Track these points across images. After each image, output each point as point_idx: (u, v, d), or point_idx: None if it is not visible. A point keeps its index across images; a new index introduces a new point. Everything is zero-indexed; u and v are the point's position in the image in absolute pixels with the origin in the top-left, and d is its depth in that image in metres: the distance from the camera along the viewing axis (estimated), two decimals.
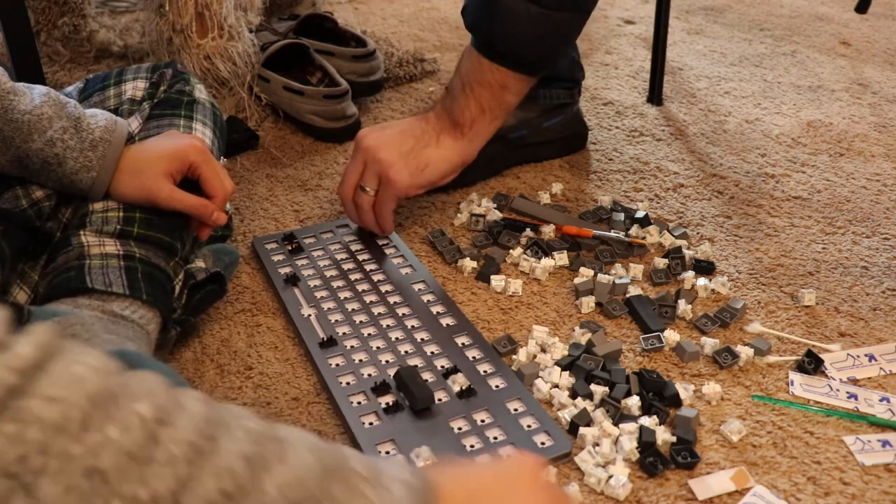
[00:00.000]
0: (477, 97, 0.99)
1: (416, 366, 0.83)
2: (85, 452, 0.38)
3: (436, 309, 0.91)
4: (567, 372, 0.83)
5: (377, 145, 0.98)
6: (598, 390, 0.80)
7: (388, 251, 1.02)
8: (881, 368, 0.86)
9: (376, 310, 0.91)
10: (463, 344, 0.86)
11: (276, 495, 0.41)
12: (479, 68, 0.99)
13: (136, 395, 0.41)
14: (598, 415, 0.78)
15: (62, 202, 0.85)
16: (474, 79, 0.99)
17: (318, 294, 0.94)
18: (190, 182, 0.84)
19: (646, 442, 0.74)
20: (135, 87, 0.93)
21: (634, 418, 0.78)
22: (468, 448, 0.74)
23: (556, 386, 0.82)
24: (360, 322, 0.89)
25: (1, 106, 0.77)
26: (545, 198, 1.14)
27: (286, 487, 0.42)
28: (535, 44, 0.97)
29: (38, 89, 0.80)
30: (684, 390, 0.81)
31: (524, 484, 0.54)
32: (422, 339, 0.87)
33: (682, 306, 0.92)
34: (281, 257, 1.00)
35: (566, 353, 0.85)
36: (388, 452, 0.73)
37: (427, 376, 0.81)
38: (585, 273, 0.98)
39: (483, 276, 0.98)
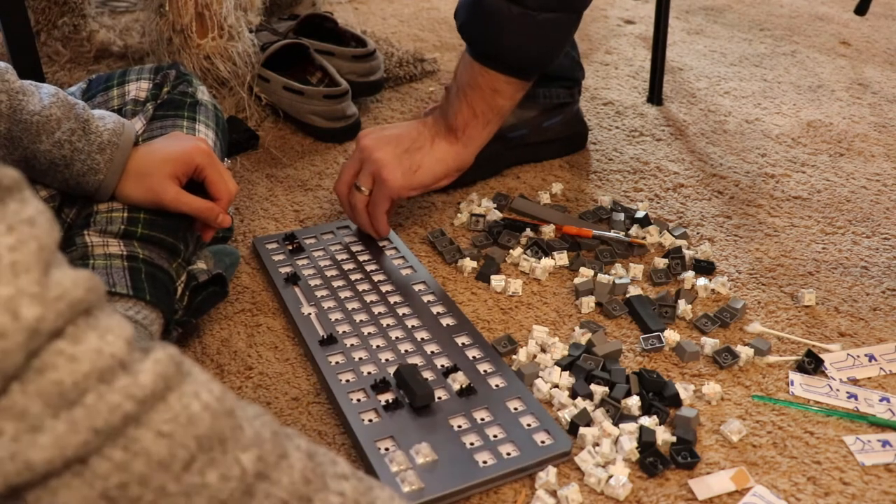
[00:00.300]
0: (469, 101, 0.99)
1: (415, 364, 0.83)
2: (180, 492, 0.40)
3: (436, 309, 0.91)
4: (567, 372, 0.83)
5: (374, 145, 0.98)
6: (598, 390, 0.80)
7: (388, 251, 1.02)
8: (881, 368, 0.86)
9: (376, 309, 0.91)
10: (463, 343, 0.86)
11: None
12: (471, 72, 0.98)
13: (244, 442, 0.42)
14: (598, 415, 0.78)
15: (66, 202, 0.85)
16: (467, 82, 0.99)
17: (319, 293, 0.94)
18: (194, 184, 0.84)
19: (646, 442, 0.74)
20: (138, 88, 0.94)
21: (634, 418, 0.78)
22: (468, 445, 0.74)
23: (556, 386, 0.82)
24: (361, 321, 0.90)
25: (10, 106, 0.76)
26: (545, 198, 1.14)
27: None
28: (521, 46, 0.96)
29: (47, 89, 0.79)
30: (684, 390, 0.81)
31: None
32: (422, 339, 0.87)
33: (682, 306, 0.92)
34: (281, 257, 1.00)
35: (566, 353, 0.86)
36: (387, 449, 0.73)
37: (427, 375, 0.82)
38: (585, 273, 0.98)
39: (483, 276, 0.98)
